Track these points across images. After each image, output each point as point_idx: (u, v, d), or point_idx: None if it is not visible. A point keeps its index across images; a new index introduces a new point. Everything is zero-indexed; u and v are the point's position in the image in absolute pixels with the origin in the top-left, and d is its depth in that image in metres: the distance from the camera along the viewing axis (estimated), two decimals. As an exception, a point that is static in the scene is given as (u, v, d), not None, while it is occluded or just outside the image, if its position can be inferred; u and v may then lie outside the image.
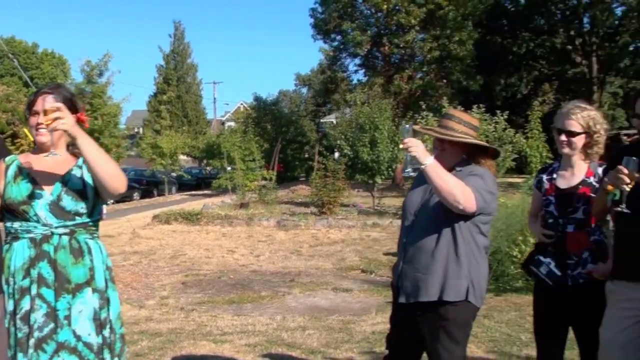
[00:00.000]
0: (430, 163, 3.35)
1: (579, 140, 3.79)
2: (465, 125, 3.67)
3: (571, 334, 3.95)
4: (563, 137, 3.82)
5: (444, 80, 37.07)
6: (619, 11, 40.80)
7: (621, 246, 3.49)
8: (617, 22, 40.73)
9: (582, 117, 3.77)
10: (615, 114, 44.42)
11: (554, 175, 3.97)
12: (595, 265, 3.72)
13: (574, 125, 3.78)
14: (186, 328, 7.24)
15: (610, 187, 3.23)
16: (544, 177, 4.03)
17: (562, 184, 3.91)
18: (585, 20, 41.32)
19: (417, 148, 3.35)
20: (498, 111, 19.00)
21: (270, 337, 6.79)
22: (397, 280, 3.70)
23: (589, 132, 3.77)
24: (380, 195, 22.27)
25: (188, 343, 6.54)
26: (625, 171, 3.19)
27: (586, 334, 3.73)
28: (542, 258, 3.89)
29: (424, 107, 21.25)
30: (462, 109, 18.49)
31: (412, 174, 3.56)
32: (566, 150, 3.84)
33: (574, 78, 43.64)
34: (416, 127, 4.17)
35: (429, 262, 3.51)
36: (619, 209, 3.25)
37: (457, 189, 3.34)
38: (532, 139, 19.99)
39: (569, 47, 41.63)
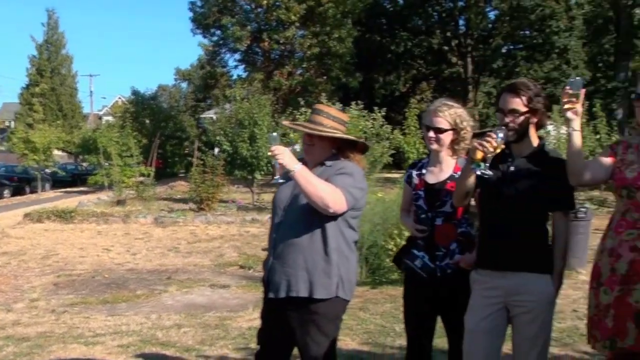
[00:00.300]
0: (298, 169, 3.40)
1: (447, 137, 3.90)
2: (334, 120, 3.71)
3: (441, 323, 4.06)
4: (431, 134, 3.91)
5: (324, 77, 37.40)
6: (492, 15, 42.69)
7: (484, 236, 3.64)
8: (490, 26, 42.50)
9: (449, 114, 3.88)
10: (489, 112, 46.17)
11: (423, 171, 4.07)
12: (462, 256, 3.85)
13: (441, 122, 3.88)
14: (56, 331, 6.96)
15: (479, 155, 3.33)
16: (414, 172, 4.12)
17: (430, 179, 4.00)
18: (461, 22, 42.94)
19: (284, 155, 3.41)
20: (376, 108, 19.35)
21: (145, 336, 6.64)
22: (267, 276, 3.70)
23: (456, 129, 3.89)
24: (259, 191, 22.22)
25: (57, 347, 6.29)
26: (494, 136, 3.31)
27: (453, 322, 3.84)
28: (416, 252, 3.98)
29: (302, 103, 21.35)
30: (342, 105, 18.74)
31: (280, 180, 3.60)
32: (434, 146, 3.94)
33: (450, 77, 45.10)
34: (285, 123, 4.21)
35: (298, 258, 3.54)
36: (479, 172, 3.36)
37: (326, 193, 3.40)
38: (410, 135, 20.49)
39: (446, 47, 43.00)
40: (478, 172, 3.36)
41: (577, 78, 3.42)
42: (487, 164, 3.35)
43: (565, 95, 3.35)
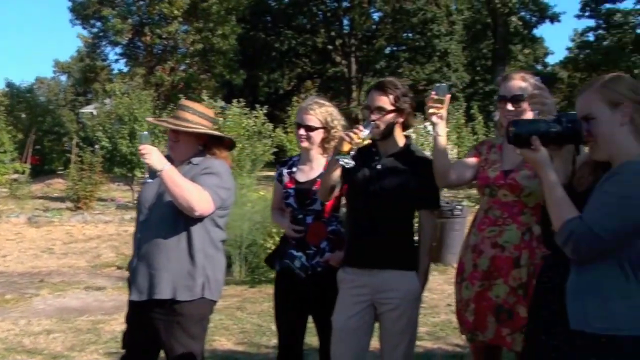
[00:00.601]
0: (165, 169, 3.35)
1: (317, 135, 3.93)
2: (200, 115, 3.66)
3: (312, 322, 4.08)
4: (302, 132, 3.94)
5: (208, 74, 37.05)
6: (376, 16, 43.41)
7: (351, 234, 3.69)
8: (374, 27, 43.23)
9: (320, 112, 3.91)
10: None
11: (294, 169, 4.08)
12: (332, 254, 3.87)
13: (312, 120, 3.91)
14: None
15: (345, 147, 3.35)
16: (284, 170, 4.13)
17: (301, 177, 4.02)
18: (345, 22, 43.43)
19: (151, 155, 3.35)
20: (258, 106, 19.32)
21: (10, 344, 6.32)
22: (131, 277, 3.61)
23: (326, 127, 3.92)
24: (140, 189, 21.72)
25: None
26: (361, 128, 3.36)
27: (323, 321, 3.84)
28: (294, 252, 3.96)
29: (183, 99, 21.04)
30: (224, 103, 18.47)
31: (149, 180, 3.53)
32: (305, 144, 3.96)
33: (335, 77, 45.59)
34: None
35: (162, 259, 3.47)
36: (342, 162, 3.36)
37: (192, 196, 3.35)
38: (292, 133, 20.53)
39: (330, 47, 43.43)
40: (341, 162, 3.37)
41: (443, 84, 3.53)
42: (351, 154, 3.36)
43: (431, 100, 3.42)
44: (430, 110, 3.42)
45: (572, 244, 2.43)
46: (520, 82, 3.46)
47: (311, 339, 4.24)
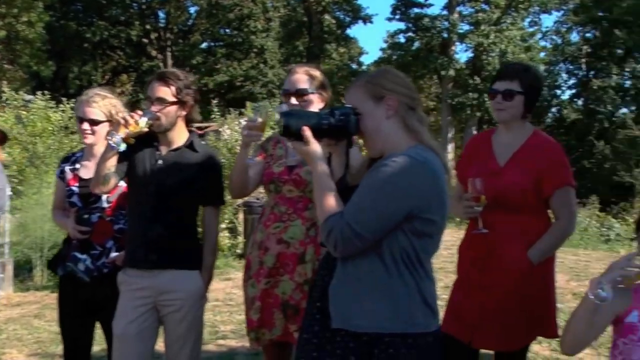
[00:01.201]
0: None
1: (102, 129, 3.73)
2: None
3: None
4: (85, 126, 3.72)
5: (14, 64, 34.94)
6: (192, 10, 42.90)
7: (131, 233, 3.53)
8: (190, 21, 42.71)
9: (104, 105, 3.73)
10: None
11: (77, 165, 3.87)
12: (118, 254, 3.69)
13: (96, 114, 3.71)
14: None
15: (121, 131, 3.20)
16: (67, 167, 3.90)
17: (85, 174, 3.81)
18: (161, 15, 42.56)
19: None
20: (65, 99, 18.41)
21: None
22: None
23: (111, 120, 3.72)
24: None
25: None
26: (140, 113, 3.25)
27: (110, 325, 3.63)
28: (79, 254, 3.73)
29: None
30: (27, 95, 17.38)
31: None
32: (90, 140, 3.75)
33: (150, 71, 44.36)
34: None
35: None
36: (110, 141, 3.19)
37: None
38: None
39: (145, 40, 42.40)
40: (108, 139, 3.21)
41: (263, 104, 3.44)
42: (122, 136, 3.19)
43: (255, 127, 3.29)
44: (250, 138, 3.33)
45: (332, 241, 2.38)
46: (304, 76, 3.50)
47: (103, 345, 4.01)
